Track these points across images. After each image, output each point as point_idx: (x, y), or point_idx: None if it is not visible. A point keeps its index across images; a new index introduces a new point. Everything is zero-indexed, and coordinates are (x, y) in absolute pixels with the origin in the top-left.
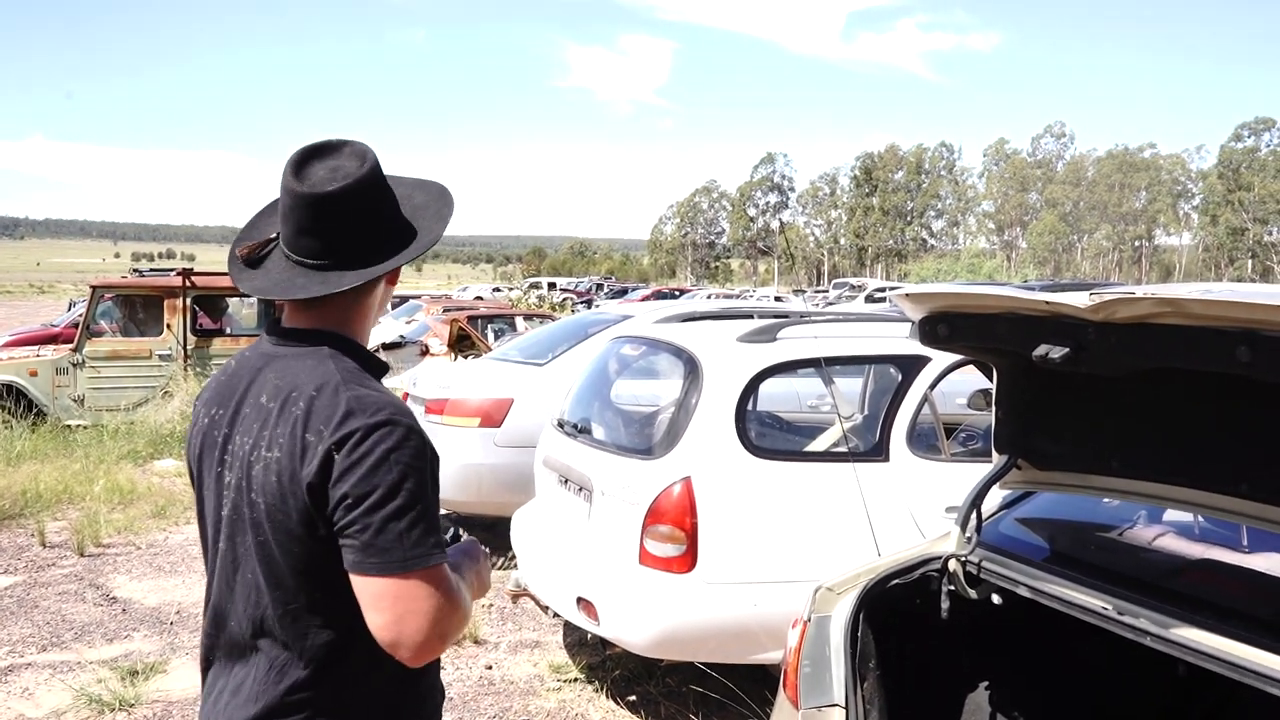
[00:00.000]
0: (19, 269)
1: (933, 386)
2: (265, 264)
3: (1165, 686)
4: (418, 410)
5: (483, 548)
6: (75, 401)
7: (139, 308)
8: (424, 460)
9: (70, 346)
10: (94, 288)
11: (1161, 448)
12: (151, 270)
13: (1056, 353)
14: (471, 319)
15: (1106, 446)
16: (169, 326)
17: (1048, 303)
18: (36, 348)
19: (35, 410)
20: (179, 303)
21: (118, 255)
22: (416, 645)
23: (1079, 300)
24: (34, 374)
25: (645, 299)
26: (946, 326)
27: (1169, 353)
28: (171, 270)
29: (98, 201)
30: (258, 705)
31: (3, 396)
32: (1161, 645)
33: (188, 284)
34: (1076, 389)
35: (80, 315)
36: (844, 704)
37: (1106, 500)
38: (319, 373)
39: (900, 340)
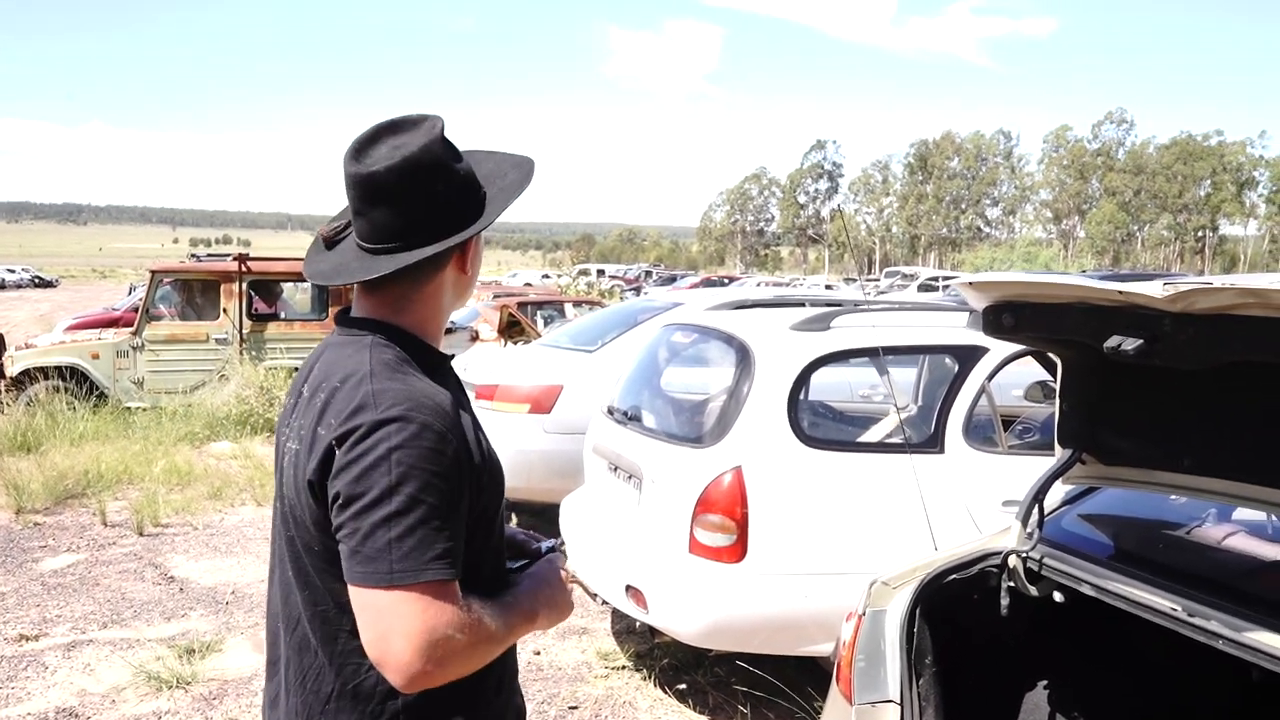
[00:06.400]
0: (82, 254)
1: (990, 378)
2: (339, 247)
3: (1237, 693)
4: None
5: (563, 567)
6: (135, 384)
7: (196, 292)
8: (438, 463)
9: (130, 330)
10: (153, 272)
11: (1237, 444)
12: (209, 255)
13: (1130, 344)
14: (521, 305)
15: (1178, 442)
16: (225, 311)
17: (1121, 292)
18: (98, 331)
19: (97, 392)
20: (235, 287)
21: (176, 241)
22: (401, 669)
23: (1154, 290)
24: (95, 357)
25: (694, 286)
26: (1012, 316)
27: (1251, 345)
28: (228, 255)
29: (157, 187)
30: None
31: (66, 378)
32: (1234, 649)
33: (243, 269)
34: (1147, 382)
35: (140, 299)
36: (899, 700)
37: (1173, 497)
38: (352, 363)
39: (956, 330)
